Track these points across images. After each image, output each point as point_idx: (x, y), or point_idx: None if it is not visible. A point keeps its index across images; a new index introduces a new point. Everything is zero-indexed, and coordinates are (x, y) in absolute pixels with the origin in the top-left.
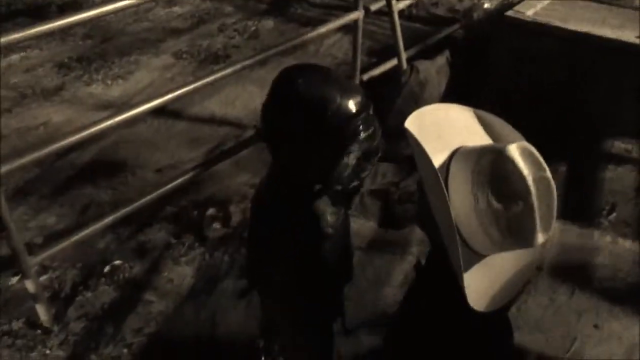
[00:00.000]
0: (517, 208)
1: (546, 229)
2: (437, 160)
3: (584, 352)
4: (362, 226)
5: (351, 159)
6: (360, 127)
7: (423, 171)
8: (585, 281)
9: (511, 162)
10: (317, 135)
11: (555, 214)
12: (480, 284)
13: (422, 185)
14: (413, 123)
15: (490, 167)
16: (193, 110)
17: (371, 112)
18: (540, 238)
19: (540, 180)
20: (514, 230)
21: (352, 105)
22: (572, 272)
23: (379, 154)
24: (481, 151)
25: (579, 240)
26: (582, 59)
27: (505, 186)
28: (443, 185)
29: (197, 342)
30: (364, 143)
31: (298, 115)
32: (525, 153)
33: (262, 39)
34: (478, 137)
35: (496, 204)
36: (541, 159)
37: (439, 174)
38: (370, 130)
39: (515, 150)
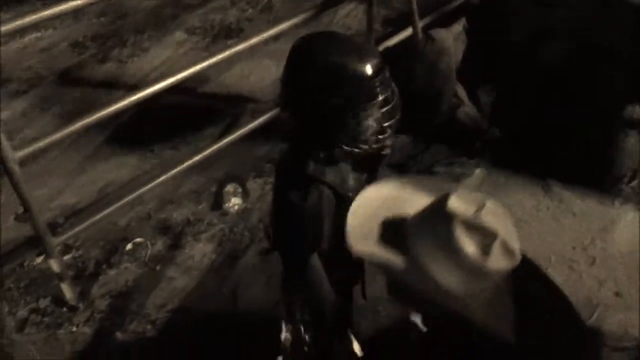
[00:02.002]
0: (495, 246)
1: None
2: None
3: (606, 319)
4: None
5: (370, 121)
6: (378, 88)
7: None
8: (605, 250)
9: (459, 215)
10: (336, 98)
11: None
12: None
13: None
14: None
15: (447, 231)
16: (208, 85)
17: (387, 74)
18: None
19: (488, 211)
20: (504, 259)
21: (369, 67)
22: (592, 240)
23: (399, 117)
24: (429, 220)
25: (599, 209)
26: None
27: (474, 237)
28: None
29: (219, 316)
30: (383, 105)
31: (317, 78)
32: (461, 199)
33: (276, 11)
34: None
35: (477, 257)
36: (477, 194)
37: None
38: (388, 92)
39: (453, 202)
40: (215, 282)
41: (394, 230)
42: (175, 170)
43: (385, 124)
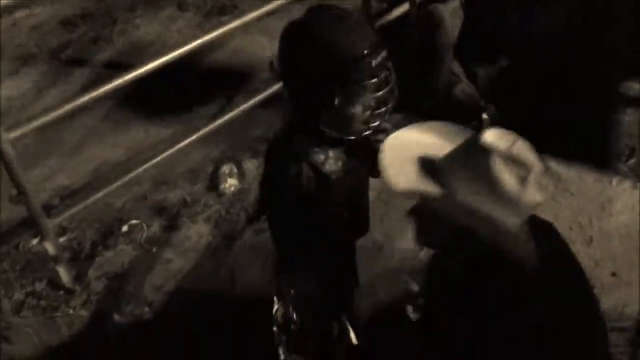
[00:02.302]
0: (531, 177)
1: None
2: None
3: (602, 299)
4: (374, 180)
5: (358, 107)
6: (371, 71)
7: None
8: (602, 229)
9: (496, 147)
10: (325, 75)
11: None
12: None
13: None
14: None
15: (485, 164)
16: (202, 63)
17: (383, 57)
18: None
19: (520, 147)
20: (539, 191)
21: (362, 47)
22: (589, 219)
23: (392, 104)
24: (464, 156)
25: (596, 187)
26: None
27: (511, 169)
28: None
29: (216, 298)
30: (375, 90)
31: (307, 52)
32: (495, 135)
33: None
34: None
35: (515, 186)
36: (508, 133)
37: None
38: (381, 76)
39: (491, 137)
40: (212, 264)
41: (425, 170)
42: (170, 151)
43: (377, 112)
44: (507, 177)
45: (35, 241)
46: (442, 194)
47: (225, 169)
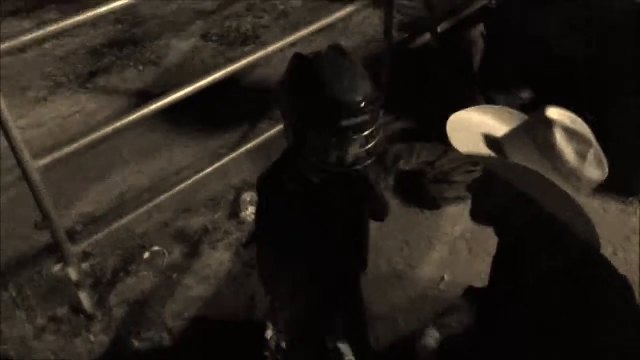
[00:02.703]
0: (591, 154)
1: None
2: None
3: None
4: (396, 207)
5: (336, 154)
6: (355, 126)
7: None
8: (627, 260)
9: (559, 122)
10: (309, 121)
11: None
12: None
13: (486, 184)
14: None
15: (548, 136)
16: (225, 93)
17: (372, 110)
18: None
19: (581, 126)
20: (597, 169)
21: (351, 102)
22: (613, 250)
23: (375, 156)
24: (527, 129)
25: (621, 218)
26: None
27: (572, 143)
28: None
29: (236, 324)
30: (360, 144)
31: (295, 99)
32: (559, 112)
33: (291, 18)
34: (498, 129)
35: (575, 160)
36: (570, 113)
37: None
38: (368, 130)
39: (553, 113)
40: (232, 291)
41: (489, 145)
42: (193, 179)
43: (356, 162)
44: (568, 150)
45: (58, 267)
46: (507, 161)
47: (247, 196)
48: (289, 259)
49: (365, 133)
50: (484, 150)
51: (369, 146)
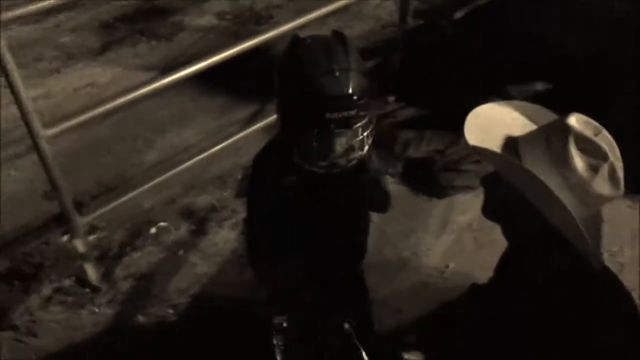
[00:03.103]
0: (604, 169)
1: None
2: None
3: None
4: (404, 194)
5: (324, 148)
6: (343, 120)
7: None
8: (634, 257)
9: (577, 132)
10: (298, 112)
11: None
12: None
13: (495, 181)
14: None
15: (562, 143)
16: (236, 71)
17: (349, 112)
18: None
19: (602, 138)
20: (609, 185)
21: (339, 94)
22: (620, 247)
23: (362, 152)
24: (544, 133)
25: (628, 214)
26: None
27: (586, 155)
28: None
29: (240, 303)
30: (349, 137)
31: (283, 86)
32: (580, 120)
33: (305, 0)
34: (520, 127)
35: (585, 172)
36: (595, 122)
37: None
38: (358, 124)
39: (573, 120)
40: (237, 269)
41: (506, 143)
42: (201, 156)
43: (344, 157)
44: (578, 162)
45: (65, 238)
46: (511, 162)
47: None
48: (285, 256)
49: (353, 127)
50: (495, 147)
51: (356, 140)
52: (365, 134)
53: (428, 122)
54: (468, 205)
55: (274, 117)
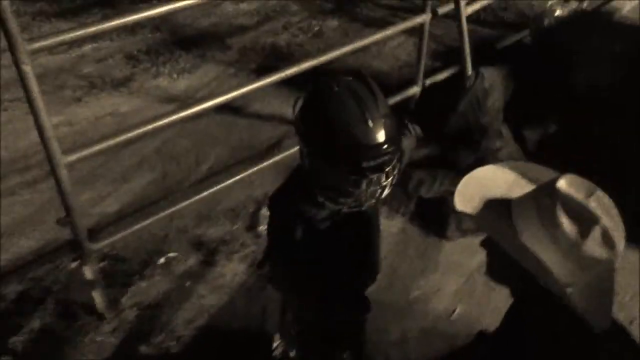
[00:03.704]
0: (595, 232)
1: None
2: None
3: None
4: (415, 233)
5: (351, 191)
6: (372, 167)
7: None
8: None
9: (566, 195)
10: (325, 155)
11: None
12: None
13: (495, 244)
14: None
15: (552, 206)
16: (254, 106)
17: (390, 153)
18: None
19: (595, 199)
20: (602, 248)
21: (371, 142)
22: (631, 297)
23: (387, 192)
24: (535, 196)
25: None
26: None
27: (575, 218)
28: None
29: (246, 336)
30: (374, 183)
31: (316, 128)
32: (571, 182)
33: (326, 39)
34: (519, 188)
35: (575, 236)
36: (589, 183)
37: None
38: (384, 171)
39: (563, 183)
40: (245, 301)
41: (498, 207)
42: (215, 187)
43: (370, 198)
44: (567, 226)
45: (74, 264)
46: (502, 230)
47: (266, 210)
48: (303, 281)
49: (385, 170)
50: (490, 211)
51: (386, 182)
52: (394, 173)
53: (441, 162)
54: (478, 247)
55: (289, 152)
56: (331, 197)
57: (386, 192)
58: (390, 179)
